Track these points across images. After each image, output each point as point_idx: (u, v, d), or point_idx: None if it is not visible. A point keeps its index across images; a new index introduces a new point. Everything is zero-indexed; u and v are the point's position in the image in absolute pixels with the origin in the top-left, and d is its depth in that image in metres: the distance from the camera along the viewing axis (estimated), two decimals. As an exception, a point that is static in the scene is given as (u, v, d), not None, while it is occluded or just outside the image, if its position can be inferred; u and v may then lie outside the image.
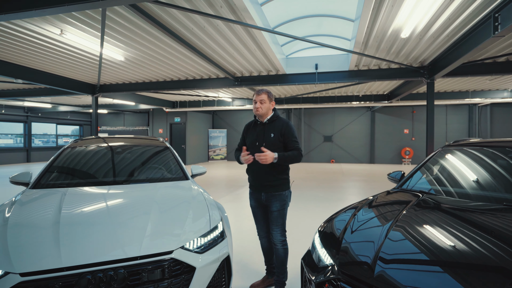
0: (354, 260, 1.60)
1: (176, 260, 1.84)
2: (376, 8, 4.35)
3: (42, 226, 1.90)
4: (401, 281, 1.33)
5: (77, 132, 20.19)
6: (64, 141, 18.96)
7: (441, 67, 6.33)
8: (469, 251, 1.40)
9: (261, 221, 2.66)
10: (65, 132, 19.37)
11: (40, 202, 2.30)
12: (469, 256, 1.36)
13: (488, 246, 1.41)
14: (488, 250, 1.38)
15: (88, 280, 1.60)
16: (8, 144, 16.04)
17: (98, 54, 6.21)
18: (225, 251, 2.12)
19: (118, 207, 2.27)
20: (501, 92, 10.93)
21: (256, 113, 2.59)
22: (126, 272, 1.68)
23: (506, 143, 2.53)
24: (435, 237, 1.56)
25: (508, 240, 1.45)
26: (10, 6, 3.58)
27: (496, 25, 4.05)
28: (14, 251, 1.64)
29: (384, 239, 1.63)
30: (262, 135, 2.55)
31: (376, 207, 2.18)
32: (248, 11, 4.32)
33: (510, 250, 1.35)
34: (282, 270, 2.56)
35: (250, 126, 2.72)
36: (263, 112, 2.55)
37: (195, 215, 2.22)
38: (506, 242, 1.43)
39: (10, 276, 1.53)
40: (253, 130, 2.65)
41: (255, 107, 2.55)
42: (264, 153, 2.33)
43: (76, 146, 3.34)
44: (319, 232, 2.03)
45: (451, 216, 1.84)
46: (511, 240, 1.45)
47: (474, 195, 2.17)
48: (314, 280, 1.68)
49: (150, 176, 3.05)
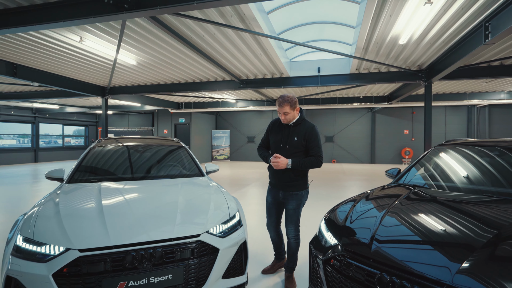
0: (355, 241, 1.91)
1: (203, 242, 2.15)
2: (376, 17, 4.67)
3: (89, 212, 2.22)
4: (391, 254, 1.65)
5: (82, 133, 20.56)
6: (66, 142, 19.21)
7: (438, 71, 6.65)
8: (447, 231, 1.72)
9: (273, 216, 2.88)
10: (70, 132, 19.74)
11: (80, 193, 2.63)
12: (446, 236, 1.68)
13: (464, 227, 1.73)
14: (463, 231, 1.69)
15: (132, 257, 1.92)
16: (16, 144, 16.41)
17: (112, 59, 6.55)
18: (242, 236, 2.44)
19: (149, 197, 2.60)
20: (498, 93, 11.23)
21: (283, 121, 2.68)
22: (163, 250, 2.00)
23: (491, 142, 2.85)
24: (420, 222, 1.88)
25: (481, 223, 1.77)
26: (40, 18, 3.91)
27: (486, 34, 4.37)
28: (71, 232, 1.97)
29: (379, 225, 1.94)
30: (287, 137, 2.66)
31: (372, 199, 2.49)
32: (256, 20, 4.65)
33: (479, 231, 1.66)
34: (293, 259, 2.81)
35: (275, 125, 2.81)
36: (288, 119, 2.65)
37: (215, 205, 2.54)
38: (479, 224, 1.75)
39: (71, 252, 1.85)
40: (278, 129, 2.76)
41: (281, 118, 2.65)
42: (277, 160, 2.54)
43: (101, 146, 3.66)
44: (324, 220, 2.34)
45: (437, 205, 2.16)
46: (483, 223, 1.76)
47: (461, 188, 2.48)
48: (322, 258, 1.99)
49: (171, 172, 3.38)
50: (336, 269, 1.86)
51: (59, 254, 1.84)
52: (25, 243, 1.93)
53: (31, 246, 1.91)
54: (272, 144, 2.80)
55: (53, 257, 1.84)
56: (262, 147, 2.91)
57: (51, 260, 1.82)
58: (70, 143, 19.69)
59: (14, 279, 1.82)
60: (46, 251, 1.87)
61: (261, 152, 2.86)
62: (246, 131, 18.60)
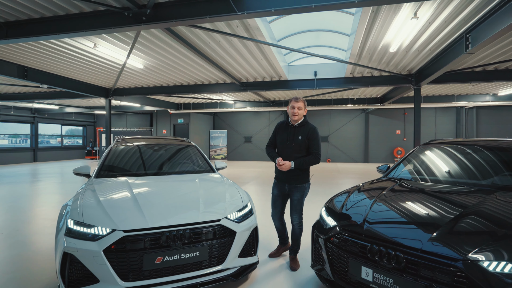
0: (350, 223, 2.33)
1: (223, 226, 2.55)
2: (369, 28, 5.11)
3: (125, 200, 2.61)
4: (379, 231, 2.08)
5: (80, 133, 20.71)
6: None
7: (426, 75, 7.14)
8: (422, 212, 2.15)
9: (278, 207, 3.30)
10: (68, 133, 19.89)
11: (112, 185, 3.01)
12: (422, 216, 2.12)
13: (437, 208, 2.17)
14: (435, 211, 2.13)
15: (166, 237, 2.31)
16: (15, 144, 16.55)
17: (121, 63, 6.89)
18: (254, 222, 2.85)
19: (174, 188, 3.01)
20: (483, 96, 11.84)
21: (292, 117, 3.07)
22: (191, 232, 2.39)
23: (468, 142, 3.31)
24: (402, 206, 2.32)
25: (450, 205, 2.21)
26: (62, 28, 4.26)
27: (467, 44, 4.85)
28: (115, 217, 2.35)
29: (369, 210, 2.37)
30: (292, 136, 3.07)
31: (364, 191, 2.92)
32: (260, 29, 5.06)
33: (448, 210, 2.10)
34: (296, 243, 3.23)
35: (281, 126, 3.21)
36: (299, 117, 3.05)
37: (230, 196, 2.94)
38: (448, 206, 2.19)
39: (116, 232, 2.23)
40: (284, 130, 3.16)
41: (293, 112, 3.02)
42: (280, 164, 2.98)
43: (120, 145, 4.02)
44: (325, 207, 2.76)
45: (417, 194, 2.59)
46: (451, 205, 2.20)
47: (441, 180, 2.93)
48: (323, 237, 2.41)
49: (187, 168, 3.78)
50: (336, 245, 2.28)
51: (107, 234, 2.23)
52: (76, 225, 2.31)
53: (82, 228, 2.28)
54: (279, 142, 3.22)
55: (102, 237, 2.22)
56: (270, 146, 3.33)
57: (101, 239, 2.20)
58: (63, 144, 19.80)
59: (70, 254, 2.19)
60: (96, 232, 2.25)
61: (269, 151, 3.29)
62: (243, 131, 19.00)
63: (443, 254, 1.72)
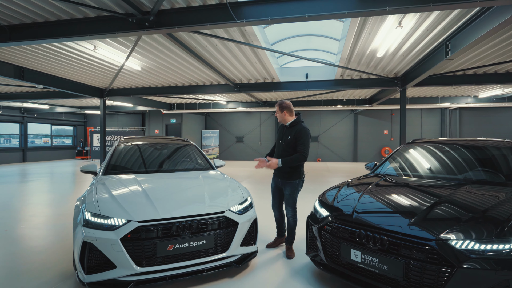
0: (341, 213, 2.63)
1: (226, 217, 2.81)
2: (358, 35, 5.45)
3: (136, 194, 2.84)
4: (366, 219, 2.38)
5: (70, 133, 20.51)
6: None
7: (411, 79, 7.56)
8: (403, 202, 2.47)
9: (276, 198, 3.62)
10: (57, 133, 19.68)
11: (121, 181, 3.22)
12: (402, 205, 2.43)
13: (416, 198, 2.48)
14: (414, 200, 2.45)
15: (176, 227, 2.55)
16: (3, 144, 16.30)
17: (119, 65, 7.04)
18: (254, 215, 3.12)
19: (180, 184, 3.24)
20: (465, 98, 12.45)
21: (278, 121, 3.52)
22: (198, 222, 2.65)
23: (446, 141, 3.66)
24: (386, 198, 2.63)
25: (427, 196, 2.53)
26: (66, 32, 4.42)
27: (447, 51, 5.25)
28: (129, 209, 2.57)
29: (357, 202, 2.67)
30: (283, 136, 3.40)
31: (353, 186, 3.22)
32: (255, 34, 5.33)
33: (425, 199, 2.42)
34: (292, 233, 3.51)
35: (280, 127, 3.57)
36: (281, 119, 3.41)
37: (232, 190, 3.20)
38: (425, 196, 2.52)
39: (132, 223, 2.46)
40: (280, 130, 3.52)
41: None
42: (268, 162, 3.30)
43: (123, 144, 4.22)
44: (318, 200, 3.05)
45: (399, 187, 2.92)
46: (429, 195, 2.53)
47: (422, 175, 3.26)
48: (317, 226, 2.70)
49: (188, 166, 4.02)
50: (328, 232, 2.57)
51: (123, 224, 2.45)
52: (93, 217, 2.53)
53: (99, 219, 2.50)
54: (276, 142, 3.57)
55: (119, 227, 2.44)
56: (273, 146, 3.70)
57: (117, 229, 2.43)
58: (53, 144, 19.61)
59: (89, 243, 2.41)
60: (112, 223, 2.47)
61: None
62: (235, 131, 19.23)
63: (419, 235, 2.03)
